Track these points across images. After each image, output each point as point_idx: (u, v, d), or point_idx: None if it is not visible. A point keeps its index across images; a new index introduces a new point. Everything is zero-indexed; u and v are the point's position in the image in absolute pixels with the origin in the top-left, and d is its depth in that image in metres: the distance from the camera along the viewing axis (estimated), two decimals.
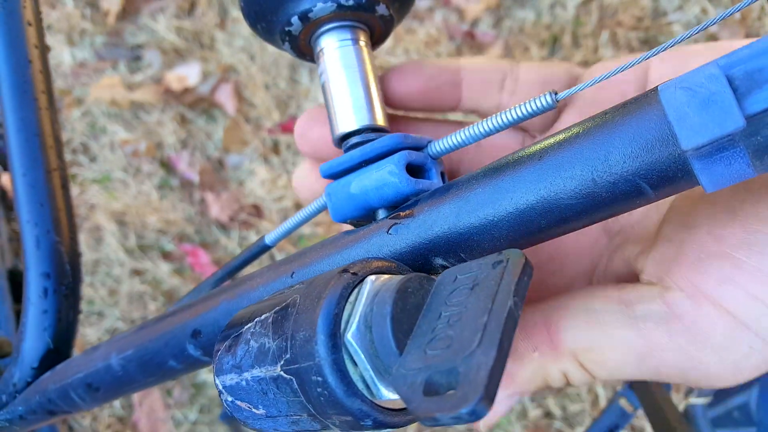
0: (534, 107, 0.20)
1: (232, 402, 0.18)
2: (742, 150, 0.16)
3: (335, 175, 0.24)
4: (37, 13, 0.38)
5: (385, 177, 0.22)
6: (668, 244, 0.21)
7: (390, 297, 0.16)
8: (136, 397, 1.11)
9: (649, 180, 0.17)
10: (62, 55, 1.37)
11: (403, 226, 0.21)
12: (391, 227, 0.22)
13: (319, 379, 0.16)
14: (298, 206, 1.23)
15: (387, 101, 0.27)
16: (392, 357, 0.16)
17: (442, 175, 0.23)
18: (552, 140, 0.19)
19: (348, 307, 0.17)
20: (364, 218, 0.23)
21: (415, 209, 0.21)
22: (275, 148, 1.29)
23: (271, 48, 1.35)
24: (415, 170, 0.23)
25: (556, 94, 0.20)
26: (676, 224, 0.22)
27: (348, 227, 0.27)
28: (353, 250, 0.22)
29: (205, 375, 1.12)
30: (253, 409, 0.18)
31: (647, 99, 0.17)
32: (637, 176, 0.17)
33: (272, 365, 0.17)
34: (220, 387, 0.18)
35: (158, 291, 1.19)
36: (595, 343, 0.21)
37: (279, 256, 1.18)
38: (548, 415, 1.05)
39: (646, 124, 0.17)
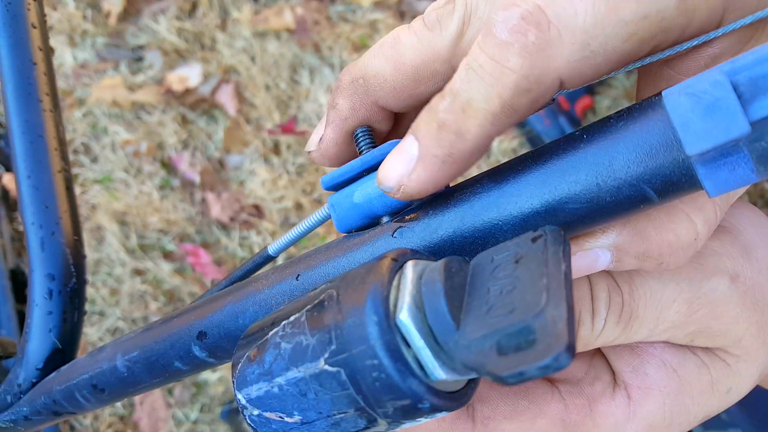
0: None
1: (258, 416, 0.18)
2: (746, 155, 0.16)
3: (337, 186, 0.24)
4: (42, 16, 0.38)
5: None
6: None
7: (439, 275, 0.17)
8: (137, 396, 1.12)
9: (654, 185, 0.17)
10: (64, 56, 1.37)
11: (407, 230, 0.22)
12: (396, 231, 0.22)
13: (375, 362, 0.15)
14: (298, 206, 1.24)
15: None
16: (449, 333, 0.16)
17: None
18: (556, 145, 0.19)
19: (393, 291, 0.17)
20: (369, 227, 0.23)
21: (420, 212, 0.22)
22: (276, 149, 1.29)
23: (271, 49, 1.35)
24: None
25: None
26: None
27: None
28: (358, 253, 0.23)
29: (206, 374, 1.12)
30: (286, 418, 0.17)
31: (651, 104, 0.17)
32: (641, 181, 0.17)
33: (313, 361, 0.16)
34: (244, 401, 0.18)
35: (159, 291, 1.19)
36: None
37: (280, 259, 1.18)
38: None
39: (650, 130, 0.17)
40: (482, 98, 0.18)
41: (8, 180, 1.04)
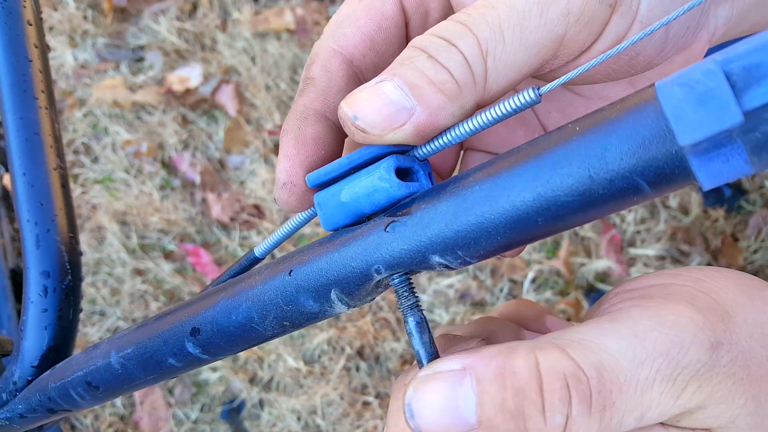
0: (518, 103, 0.20)
1: None
2: (739, 146, 0.16)
3: (323, 185, 0.24)
4: (37, 13, 0.38)
5: (376, 183, 0.22)
6: None
7: None
8: (137, 395, 1.12)
9: (646, 177, 0.17)
10: (64, 57, 1.38)
11: (400, 224, 0.21)
12: (388, 225, 0.22)
13: None
14: None
15: None
16: None
17: (430, 176, 0.23)
18: (549, 138, 0.19)
19: None
20: (355, 225, 0.23)
21: (413, 207, 0.21)
22: (276, 149, 1.29)
23: (271, 49, 1.35)
24: (403, 173, 0.23)
25: (539, 88, 0.20)
26: None
27: None
28: (351, 247, 0.22)
29: (207, 374, 1.12)
30: None
31: (644, 95, 0.17)
32: (634, 173, 0.17)
33: None
34: None
35: (160, 291, 1.19)
36: None
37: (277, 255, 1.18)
38: None
39: (643, 121, 0.17)
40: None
41: (8, 180, 1.04)
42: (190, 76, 1.35)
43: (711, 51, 0.21)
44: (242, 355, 1.12)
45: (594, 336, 0.19)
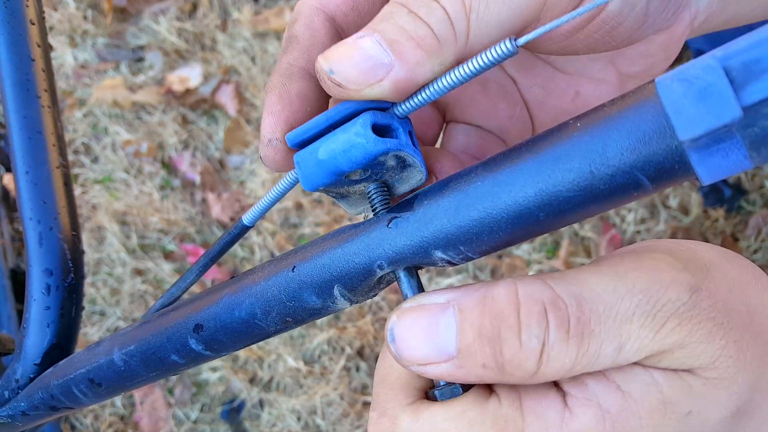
0: (495, 54, 0.19)
1: None
2: (738, 141, 0.16)
3: (303, 143, 0.23)
4: (40, 12, 0.38)
5: (352, 139, 0.21)
6: None
7: None
8: (137, 395, 1.12)
9: (647, 172, 0.17)
10: (64, 57, 1.38)
11: (402, 220, 0.22)
12: (391, 221, 0.22)
13: None
14: (298, 206, 1.24)
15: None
16: None
17: (411, 134, 0.23)
18: (550, 133, 0.19)
19: None
20: (335, 185, 0.23)
21: (415, 203, 0.22)
22: None
23: (271, 49, 1.35)
24: (382, 131, 0.22)
25: (515, 39, 0.19)
26: None
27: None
28: (354, 243, 0.23)
29: (207, 373, 1.12)
30: None
31: (644, 91, 0.18)
32: (634, 168, 0.17)
33: None
34: None
35: (160, 291, 1.19)
36: None
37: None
38: None
39: (643, 116, 0.17)
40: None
41: (8, 180, 1.04)
42: (190, 76, 1.36)
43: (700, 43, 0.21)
44: (242, 355, 1.12)
45: (575, 273, 0.20)
